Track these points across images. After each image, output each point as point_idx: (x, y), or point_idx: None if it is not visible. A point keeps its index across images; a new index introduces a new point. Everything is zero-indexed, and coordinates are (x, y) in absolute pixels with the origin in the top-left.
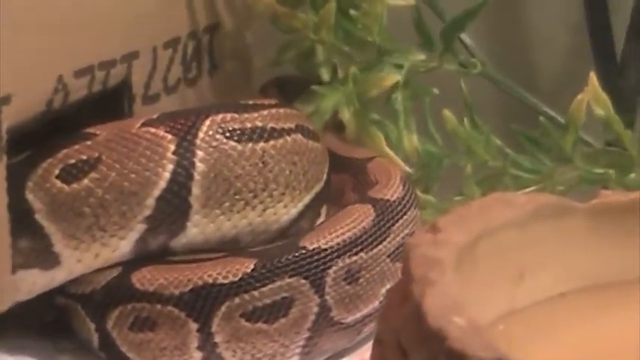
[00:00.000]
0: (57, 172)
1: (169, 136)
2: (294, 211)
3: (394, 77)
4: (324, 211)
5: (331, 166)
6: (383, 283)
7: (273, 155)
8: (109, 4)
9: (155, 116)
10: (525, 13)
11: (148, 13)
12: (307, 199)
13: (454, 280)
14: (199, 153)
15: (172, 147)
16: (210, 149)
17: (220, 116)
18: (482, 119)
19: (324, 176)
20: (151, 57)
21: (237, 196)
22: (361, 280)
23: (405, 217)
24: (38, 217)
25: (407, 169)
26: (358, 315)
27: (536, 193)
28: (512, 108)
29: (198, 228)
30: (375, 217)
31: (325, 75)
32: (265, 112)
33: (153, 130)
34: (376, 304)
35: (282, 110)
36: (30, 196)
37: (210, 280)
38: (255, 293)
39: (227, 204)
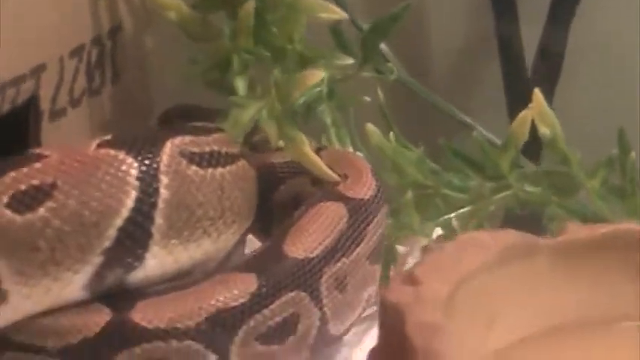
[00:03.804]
0: (6, 200)
1: (130, 160)
2: (237, 238)
3: (317, 74)
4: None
5: (279, 176)
6: (364, 287)
7: (230, 181)
8: (14, 16)
9: (109, 137)
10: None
11: (52, 21)
12: (246, 225)
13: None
14: (164, 179)
15: (135, 172)
16: (174, 175)
17: (179, 139)
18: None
19: (256, 203)
20: (58, 68)
21: (197, 224)
22: (348, 287)
23: (379, 215)
24: None
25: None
26: (347, 324)
27: (504, 232)
28: (421, 118)
29: (156, 260)
30: (349, 218)
31: (241, 88)
32: (216, 136)
33: (112, 152)
34: (359, 310)
35: (225, 135)
36: None
37: (223, 305)
38: (266, 312)
39: (186, 233)
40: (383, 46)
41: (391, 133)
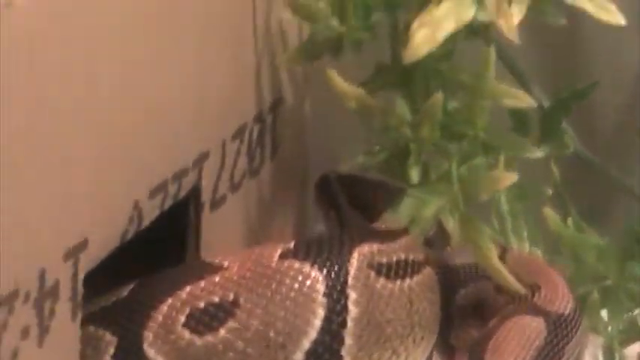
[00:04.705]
0: (183, 318)
1: (317, 273)
2: (426, 356)
3: (510, 176)
4: None
5: (460, 278)
6: None
7: (418, 293)
8: (179, 102)
9: (292, 245)
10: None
11: (216, 104)
12: (434, 339)
13: None
14: (352, 294)
15: (322, 288)
16: (363, 289)
17: (366, 247)
18: None
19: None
20: (220, 154)
21: (386, 344)
22: None
23: (578, 333)
24: None
25: None
26: None
27: None
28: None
29: None
30: (547, 335)
31: (415, 176)
32: (403, 241)
33: (297, 264)
34: None
35: (410, 238)
36: (150, 351)
37: None
38: None
39: (375, 355)
40: None
41: (569, 219)
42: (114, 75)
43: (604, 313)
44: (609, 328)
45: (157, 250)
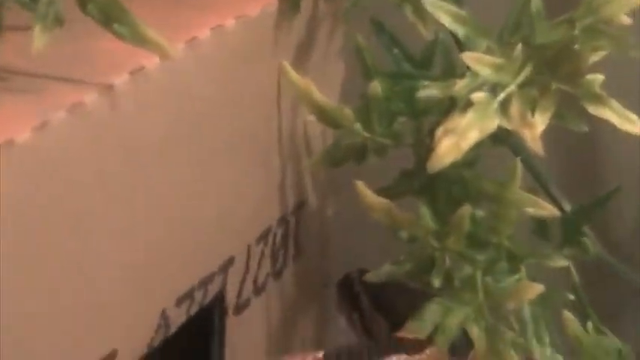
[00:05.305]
0: None
1: None
2: None
3: (537, 287)
4: None
5: None
6: None
7: None
8: (206, 210)
9: (320, 355)
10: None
11: (243, 208)
12: None
13: None
14: None
15: None
16: None
17: (394, 359)
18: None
19: None
20: (245, 258)
21: None
22: None
23: None
24: None
25: None
26: None
27: None
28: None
29: None
30: None
31: (438, 282)
32: (429, 352)
33: None
34: None
35: (436, 349)
36: None
37: None
38: None
39: None
40: None
41: (589, 323)
42: (142, 187)
43: None
44: None
45: (179, 352)
